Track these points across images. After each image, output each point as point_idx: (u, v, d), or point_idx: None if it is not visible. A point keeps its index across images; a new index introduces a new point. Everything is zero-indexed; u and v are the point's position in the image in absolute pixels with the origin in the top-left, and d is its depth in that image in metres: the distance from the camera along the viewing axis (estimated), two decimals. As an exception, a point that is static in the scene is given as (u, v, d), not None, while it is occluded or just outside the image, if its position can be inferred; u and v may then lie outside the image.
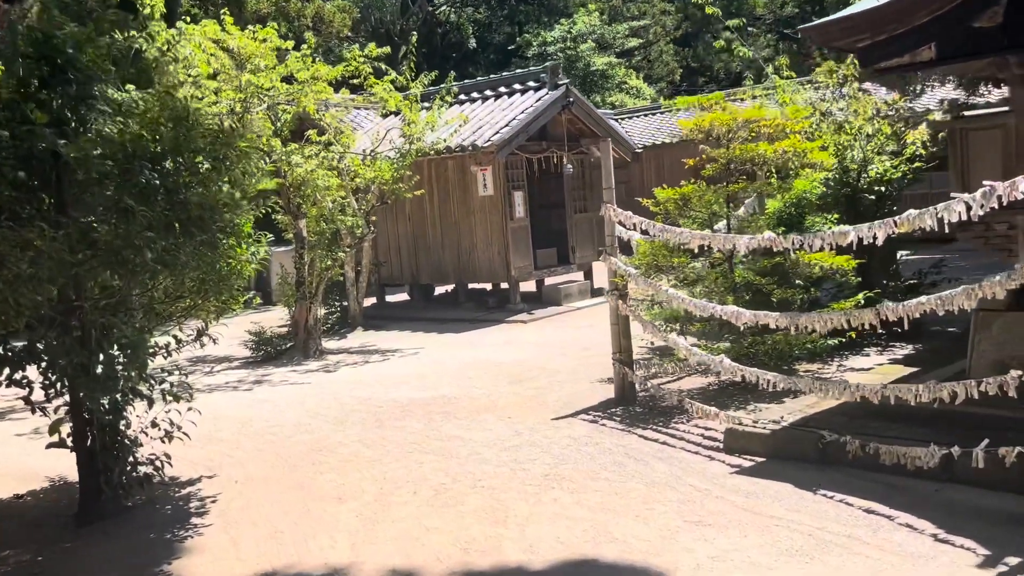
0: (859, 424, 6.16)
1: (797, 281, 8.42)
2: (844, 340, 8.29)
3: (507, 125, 14.27)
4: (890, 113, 9.39)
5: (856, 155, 9.44)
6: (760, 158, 7.92)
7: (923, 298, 5.17)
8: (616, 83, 33.54)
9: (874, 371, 8.19)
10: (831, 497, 5.28)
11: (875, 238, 5.38)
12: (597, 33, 34.05)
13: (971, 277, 12.04)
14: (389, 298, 17.26)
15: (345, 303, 14.60)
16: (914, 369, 7.97)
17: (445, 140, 13.47)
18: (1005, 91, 12.55)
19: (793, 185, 8.19)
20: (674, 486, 5.67)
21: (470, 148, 14.21)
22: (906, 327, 5.44)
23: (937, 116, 9.75)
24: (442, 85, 14.40)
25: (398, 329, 13.98)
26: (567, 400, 8.27)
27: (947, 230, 5.54)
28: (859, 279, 8.36)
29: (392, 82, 12.12)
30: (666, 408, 7.67)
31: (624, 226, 7.78)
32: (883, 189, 9.57)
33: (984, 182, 4.71)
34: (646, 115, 27.75)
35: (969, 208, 4.84)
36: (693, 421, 7.19)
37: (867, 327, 5.70)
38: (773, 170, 8.33)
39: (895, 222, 5.25)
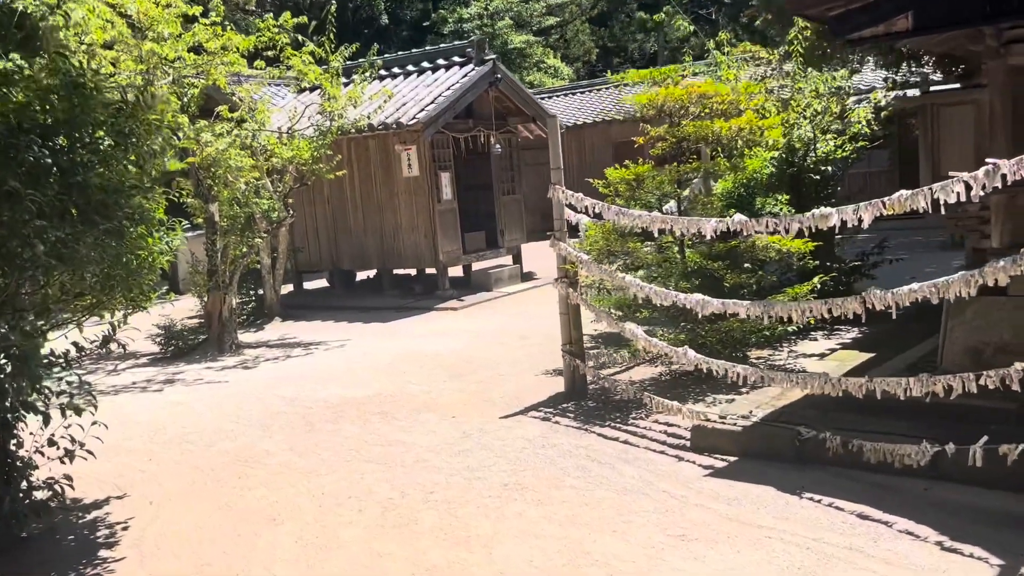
0: (834, 418, 5.80)
1: (746, 264, 8.06)
2: (800, 326, 8.02)
3: (433, 102, 13.56)
4: (835, 91, 9.13)
5: (804, 134, 9.15)
6: (713, 136, 7.50)
7: (915, 285, 4.81)
8: (534, 62, 33.05)
9: (830, 358, 7.91)
10: (818, 501, 4.89)
11: (860, 220, 4.99)
12: (514, 11, 33.44)
13: (899, 255, 12.00)
14: (307, 285, 16.38)
15: (260, 292, 13.69)
16: (870, 355, 7.72)
17: (368, 117, 12.67)
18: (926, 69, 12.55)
19: (746, 164, 7.81)
20: (647, 493, 5.18)
21: (394, 126, 13.45)
22: (894, 316, 5.07)
23: (880, 94, 9.54)
24: (362, 60, 13.56)
25: (319, 319, 13.17)
26: (514, 395, 7.72)
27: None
28: (816, 262, 8.06)
29: (311, 54, 11.24)
30: (620, 402, 7.21)
31: (575, 209, 7.25)
32: (828, 169, 9.32)
33: (987, 160, 4.35)
34: (565, 95, 27.39)
35: (969, 188, 4.49)
36: (653, 416, 6.75)
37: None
38: (719, 149, 7.92)
39: (884, 203, 4.86)
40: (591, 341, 9.41)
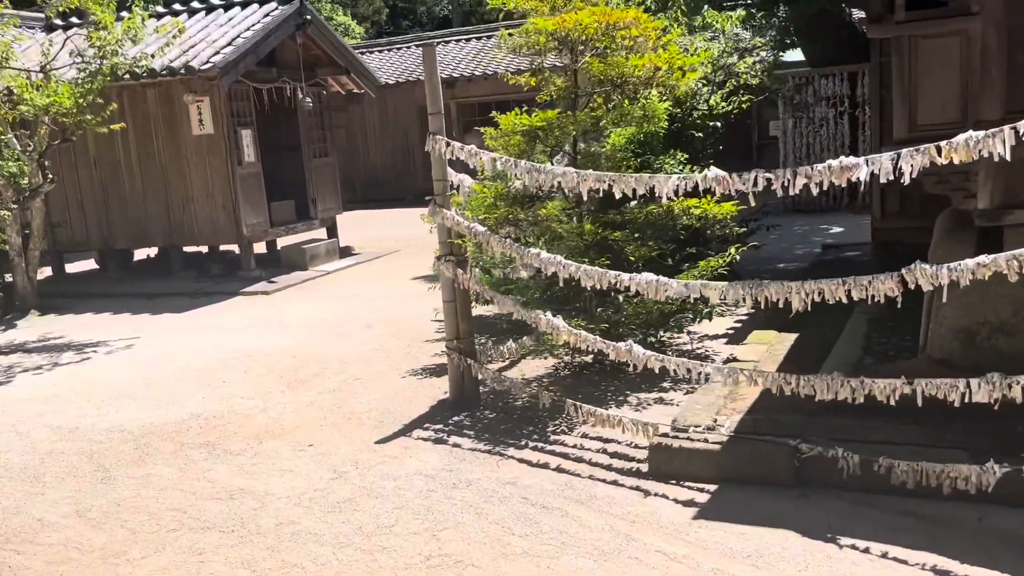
0: (822, 423, 4.64)
1: (636, 234, 6.79)
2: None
3: (230, 44, 11.22)
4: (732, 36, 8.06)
5: (690, 85, 7.99)
6: (620, 78, 6.11)
7: (984, 258, 3.66)
8: (323, 18, 30.34)
9: (749, 341, 6.84)
10: (865, 550, 3.65)
11: (901, 172, 3.79)
12: (299, -40, 30.48)
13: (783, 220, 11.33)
14: (71, 268, 13.44)
15: (10, 279, 10.79)
16: (792, 336, 6.73)
17: (153, 56, 10.13)
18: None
19: (654, 112, 6.49)
20: (637, 556, 3.72)
21: (182, 71, 10.98)
22: (944, 299, 3.93)
23: (760, 41, 8.61)
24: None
25: (92, 311, 10.53)
26: (383, 408, 5.99)
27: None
28: (743, 229, 6.95)
29: (71, -31, 8.64)
30: (526, 410, 5.71)
31: (465, 166, 5.61)
32: (717, 124, 8.28)
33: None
34: (364, 53, 25.19)
35: (1080, 126, 3.38)
36: (578, 429, 5.31)
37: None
38: (625, 94, 6.55)
39: (940, 148, 3.67)
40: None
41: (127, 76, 10.42)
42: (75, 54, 9.43)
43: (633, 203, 6.31)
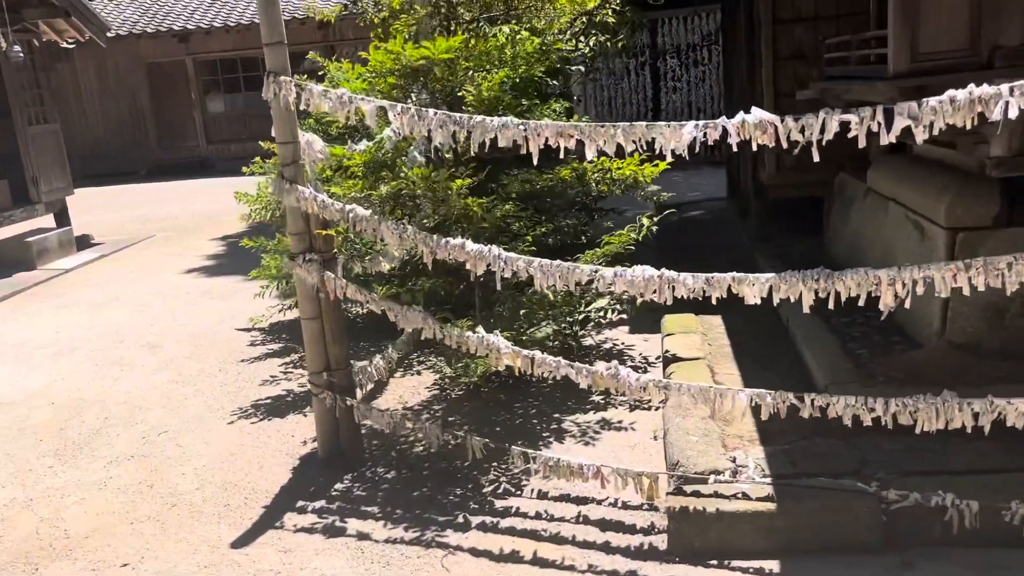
0: (874, 449, 3.52)
1: (507, 206, 5.37)
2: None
3: None
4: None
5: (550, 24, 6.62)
6: (517, -2, 4.58)
7: None
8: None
9: (672, 332, 5.58)
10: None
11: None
12: None
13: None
14: None
15: None
16: (715, 318, 5.64)
17: None
18: None
19: (551, 50, 5.02)
20: None
21: None
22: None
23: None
24: None
25: None
26: (222, 480, 4.09)
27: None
28: (669, 195, 5.68)
29: None
30: (436, 460, 4.10)
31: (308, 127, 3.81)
32: (580, 68, 6.98)
33: None
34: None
35: None
36: (527, 484, 3.80)
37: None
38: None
39: None
40: (255, 341, 5.95)
41: None
42: None
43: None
